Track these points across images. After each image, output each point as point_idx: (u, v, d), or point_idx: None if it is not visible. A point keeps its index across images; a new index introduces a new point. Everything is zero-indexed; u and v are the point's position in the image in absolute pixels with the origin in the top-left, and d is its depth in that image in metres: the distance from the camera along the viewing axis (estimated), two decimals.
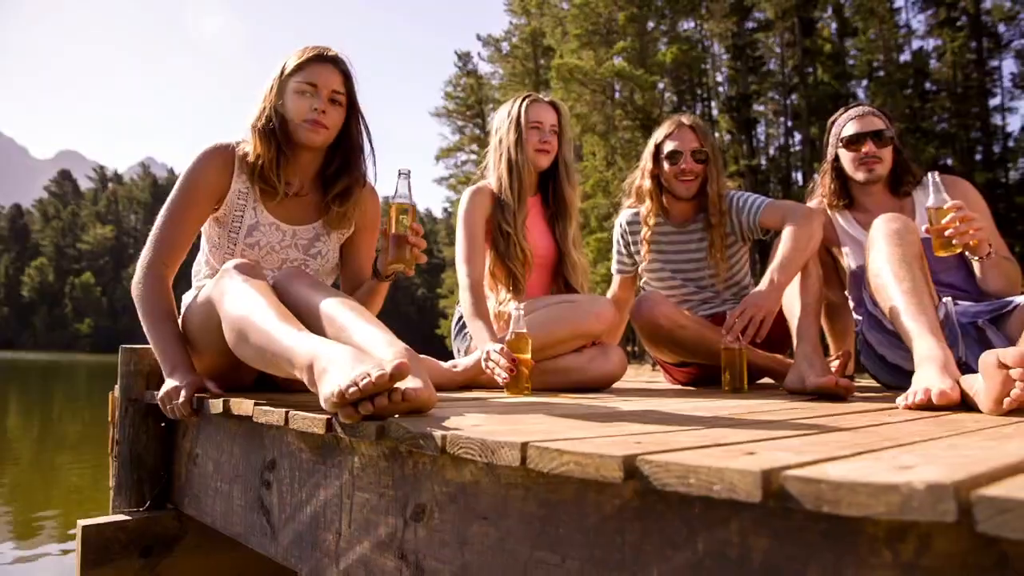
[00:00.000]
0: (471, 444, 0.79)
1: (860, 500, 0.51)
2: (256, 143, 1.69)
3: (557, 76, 25.65)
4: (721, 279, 2.46)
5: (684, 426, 0.96)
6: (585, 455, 0.66)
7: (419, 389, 1.00)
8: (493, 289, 2.27)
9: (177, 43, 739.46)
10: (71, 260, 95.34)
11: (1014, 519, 0.45)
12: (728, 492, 0.56)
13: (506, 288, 2.22)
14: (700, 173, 2.40)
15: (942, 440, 0.83)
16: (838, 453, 0.67)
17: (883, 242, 1.71)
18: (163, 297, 1.62)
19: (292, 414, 1.13)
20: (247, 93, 1.95)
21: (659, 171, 2.47)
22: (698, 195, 2.43)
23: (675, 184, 2.43)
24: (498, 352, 1.77)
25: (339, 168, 1.80)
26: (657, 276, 2.54)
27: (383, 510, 1.03)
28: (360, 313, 1.29)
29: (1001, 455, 0.64)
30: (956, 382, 1.37)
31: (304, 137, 1.70)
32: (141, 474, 1.68)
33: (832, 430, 0.93)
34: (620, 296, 2.66)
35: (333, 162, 1.80)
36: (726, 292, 2.50)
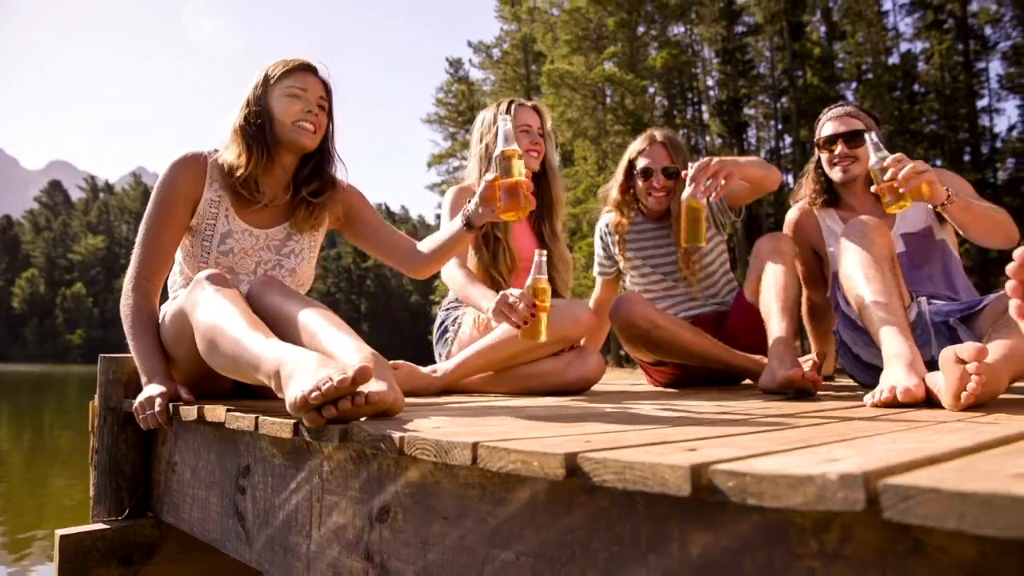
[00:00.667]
0: (427, 445, 0.81)
1: (780, 492, 0.53)
2: (240, 149, 1.71)
3: (548, 82, 25.75)
4: (696, 274, 2.49)
5: (642, 425, 0.98)
6: (530, 453, 0.68)
7: (383, 392, 1.02)
8: None
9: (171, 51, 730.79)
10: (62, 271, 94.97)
11: (916, 505, 0.47)
12: (660, 487, 0.58)
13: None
14: (672, 187, 2.48)
15: (888, 435, 0.85)
16: (777, 448, 0.69)
17: (854, 244, 1.74)
18: (146, 310, 1.66)
19: (262, 419, 1.14)
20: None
21: (632, 185, 2.55)
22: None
23: (646, 199, 2.52)
24: (517, 297, 1.73)
25: (311, 173, 1.84)
26: (639, 273, 2.58)
27: (351, 512, 1.05)
28: (330, 320, 1.31)
29: (930, 448, 0.66)
30: (922, 380, 1.39)
31: (296, 137, 1.73)
32: (120, 482, 1.69)
33: (787, 427, 0.95)
34: (603, 298, 2.69)
35: (307, 167, 1.84)
36: (706, 288, 2.52)
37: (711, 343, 2.26)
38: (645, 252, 2.56)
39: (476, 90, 35.57)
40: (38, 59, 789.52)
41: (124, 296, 1.68)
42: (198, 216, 1.74)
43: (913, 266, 2.00)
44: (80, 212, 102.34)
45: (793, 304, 2.00)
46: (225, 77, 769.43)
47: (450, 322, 2.33)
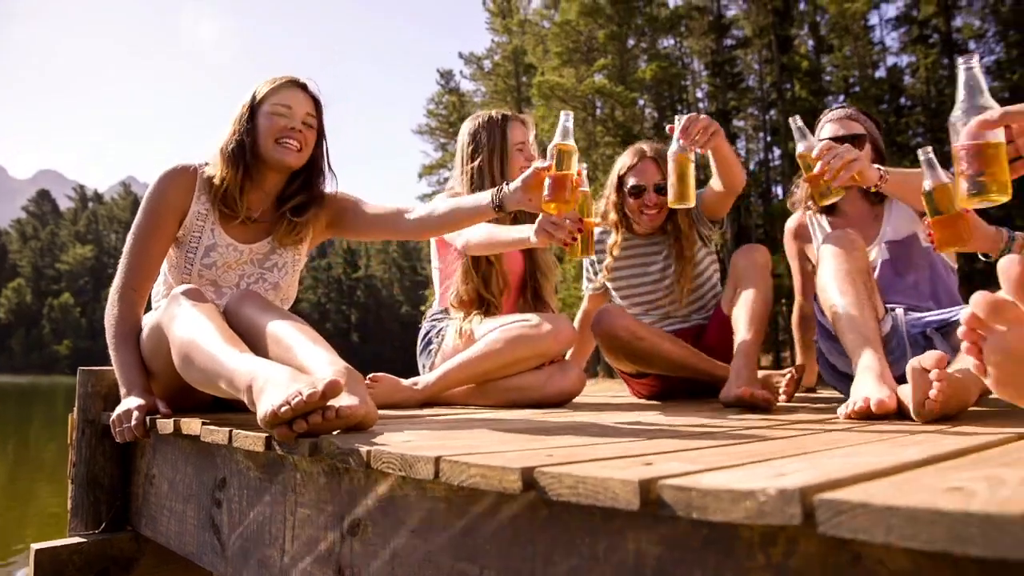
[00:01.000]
0: (392, 459, 0.83)
1: (723, 506, 0.54)
2: (223, 166, 1.73)
3: (538, 93, 25.86)
4: (686, 289, 2.48)
5: (610, 438, 1.00)
6: (489, 468, 0.70)
7: (354, 406, 1.03)
8: (461, 309, 2.28)
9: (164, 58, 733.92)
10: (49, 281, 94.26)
11: (848, 520, 0.48)
12: (611, 501, 0.60)
13: (479, 313, 2.23)
14: (664, 203, 2.39)
15: (848, 448, 0.87)
16: (732, 463, 0.71)
17: (830, 257, 1.76)
18: (130, 320, 1.66)
19: (235, 433, 1.15)
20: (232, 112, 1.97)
21: (623, 201, 2.50)
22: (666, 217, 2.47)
23: (638, 216, 2.47)
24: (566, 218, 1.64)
25: (299, 188, 1.84)
26: (625, 288, 2.57)
27: (323, 525, 1.05)
28: (306, 333, 1.32)
29: (880, 462, 0.68)
30: (893, 391, 1.41)
31: (278, 155, 1.74)
32: (98, 495, 1.69)
33: (753, 440, 0.97)
34: (591, 311, 2.69)
35: (294, 184, 1.84)
36: (693, 302, 2.53)
37: (691, 353, 2.29)
38: (633, 268, 2.55)
39: (467, 101, 35.68)
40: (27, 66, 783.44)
41: (109, 305, 1.69)
42: (185, 228, 1.76)
43: (896, 274, 2.01)
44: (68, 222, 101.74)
45: (760, 316, 2.02)
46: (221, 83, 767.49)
47: (434, 333, 2.33)
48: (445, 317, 2.34)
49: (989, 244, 1.59)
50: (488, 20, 35.52)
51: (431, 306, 2.47)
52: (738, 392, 1.72)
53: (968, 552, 0.44)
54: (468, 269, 2.24)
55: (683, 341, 2.34)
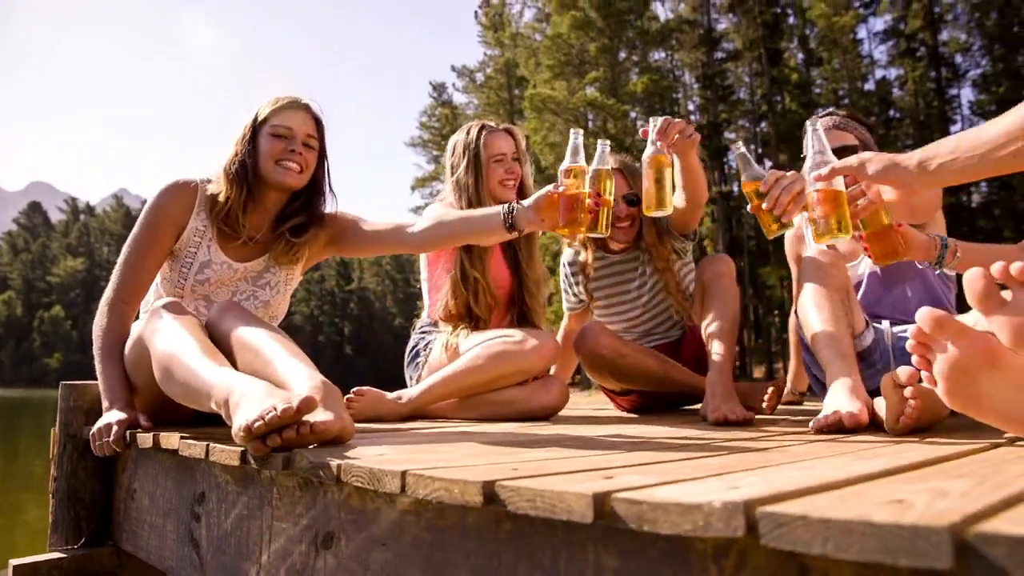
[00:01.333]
0: (361, 472, 0.84)
1: (672, 519, 0.56)
2: (227, 187, 1.74)
3: (530, 106, 26.01)
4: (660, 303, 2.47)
5: (582, 451, 1.01)
6: (452, 481, 0.71)
7: (328, 422, 1.04)
8: (449, 323, 2.28)
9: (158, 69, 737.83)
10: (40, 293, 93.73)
11: (788, 532, 0.50)
12: (567, 514, 0.61)
13: (466, 327, 2.23)
14: (635, 215, 2.37)
15: (810, 461, 0.88)
16: (690, 476, 0.72)
17: (809, 273, 1.78)
18: (117, 334, 1.67)
19: (212, 446, 1.16)
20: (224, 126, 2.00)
21: None
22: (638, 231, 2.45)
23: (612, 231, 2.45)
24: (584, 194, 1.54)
25: (299, 208, 1.86)
26: (603, 307, 2.56)
27: (297, 539, 1.06)
28: (286, 347, 1.33)
29: (834, 474, 0.69)
30: (865, 404, 1.44)
31: (279, 176, 1.75)
32: (79, 510, 1.68)
33: (719, 454, 0.98)
34: (573, 329, 2.67)
35: (295, 203, 1.85)
36: (670, 316, 2.51)
37: (674, 368, 2.29)
38: (611, 287, 2.53)
39: (460, 114, 35.82)
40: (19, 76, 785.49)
41: (99, 315, 1.70)
42: (181, 242, 1.77)
43: (884, 286, 2.03)
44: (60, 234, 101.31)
45: (729, 327, 2.02)
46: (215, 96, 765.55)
47: (422, 346, 2.33)
48: (433, 330, 2.34)
49: (924, 252, 1.61)
50: (480, 33, 35.74)
51: (420, 318, 2.47)
52: (714, 416, 1.74)
53: (898, 563, 0.46)
54: (456, 283, 2.24)
55: (664, 356, 2.35)
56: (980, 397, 0.88)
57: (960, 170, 1.22)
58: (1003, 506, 0.52)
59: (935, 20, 27.22)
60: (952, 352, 0.85)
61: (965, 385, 0.87)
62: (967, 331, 0.86)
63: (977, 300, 0.81)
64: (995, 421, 0.89)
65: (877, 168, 1.33)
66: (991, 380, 0.86)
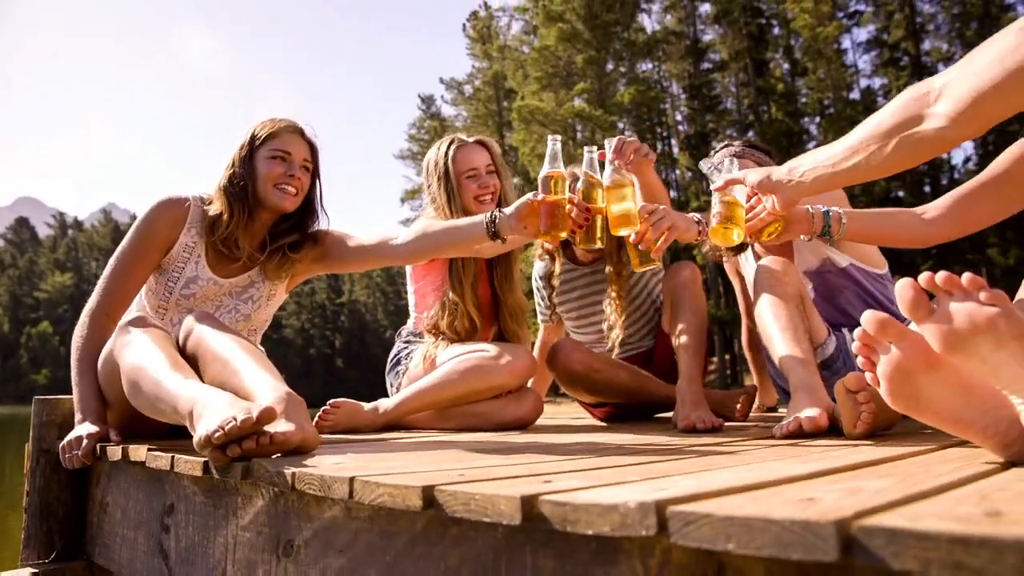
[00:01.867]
0: (313, 479, 0.86)
1: (592, 519, 0.58)
2: (225, 206, 1.77)
3: (519, 117, 26.16)
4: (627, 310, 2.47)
5: (534, 456, 1.04)
6: (396, 487, 0.73)
7: (289, 432, 1.06)
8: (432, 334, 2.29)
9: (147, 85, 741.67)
10: (28, 309, 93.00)
11: (695, 530, 0.53)
12: (497, 516, 0.64)
13: (447, 341, 2.24)
14: None
15: (752, 464, 0.91)
16: (623, 480, 0.75)
17: (763, 283, 1.80)
18: (96, 346, 1.68)
19: (177, 458, 1.18)
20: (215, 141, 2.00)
21: None
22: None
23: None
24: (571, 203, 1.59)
25: (291, 228, 1.89)
26: (572, 319, 2.58)
27: (260, 548, 1.08)
28: (255, 358, 1.35)
29: (759, 476, 0.72)
30: (825, 409, 1.47)
31: (277, 199, 1.78)
32: (51, 524, 1.69)
33: (669, 459, 1.01)
34: (548, 341, 2.68)
35: (286, 223, 1.88)
36: (642, 327, 2.53)
37: (647, 380, 2.31)
38: (577, 299, 2.54)
39: (448, 126, 35.97)
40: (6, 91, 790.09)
41: (80, 326, 1.71)
42: (170, 257, 1.79)
43: (826, 301, 2.06)
44: (48, 249, 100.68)
45: (696, 334, 2.04)
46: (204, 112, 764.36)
47: (404, 354, 2.35)
48: (416, 340, 2.36)
49: (804, 226, 1.66)
50: (468, 46, 35.92)
51: (406, 326, 2.47)
52: (683, 424, 1.76)
53: (791, 557, 0.48)
54: (445, 303, 2.24)
55: (636, 367, 2.37)
56: (919, 398, 0.90)
57: (818, 179, 1.38)
58: (903, 502, 0.55)
59: (917, 30, 27.58)
60: (894, 353, 0.88)
61: (906, 385, 0.90)
62: (909, 333, 0.89)
63: (907, 309, 0.84)
64: (933, 421, 0.91)
65: (755, 180, 1.53)
66: (930, 381, 0.89)
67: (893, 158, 1.21)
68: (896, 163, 1.22)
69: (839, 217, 1.65)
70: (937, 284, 0.81)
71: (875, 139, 1.23)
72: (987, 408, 0.88)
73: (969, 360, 0.82)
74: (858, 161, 1.26)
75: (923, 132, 1.13)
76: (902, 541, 0.44)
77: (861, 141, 1.25)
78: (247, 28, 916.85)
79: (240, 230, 1.78)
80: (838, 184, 1.38)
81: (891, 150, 1.20)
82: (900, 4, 27.74)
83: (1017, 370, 0.79)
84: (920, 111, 1.13)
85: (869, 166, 1.25)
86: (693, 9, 30.55)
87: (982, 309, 0.78)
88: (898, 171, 1.28)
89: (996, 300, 0.78)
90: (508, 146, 32.29)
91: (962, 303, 0.79)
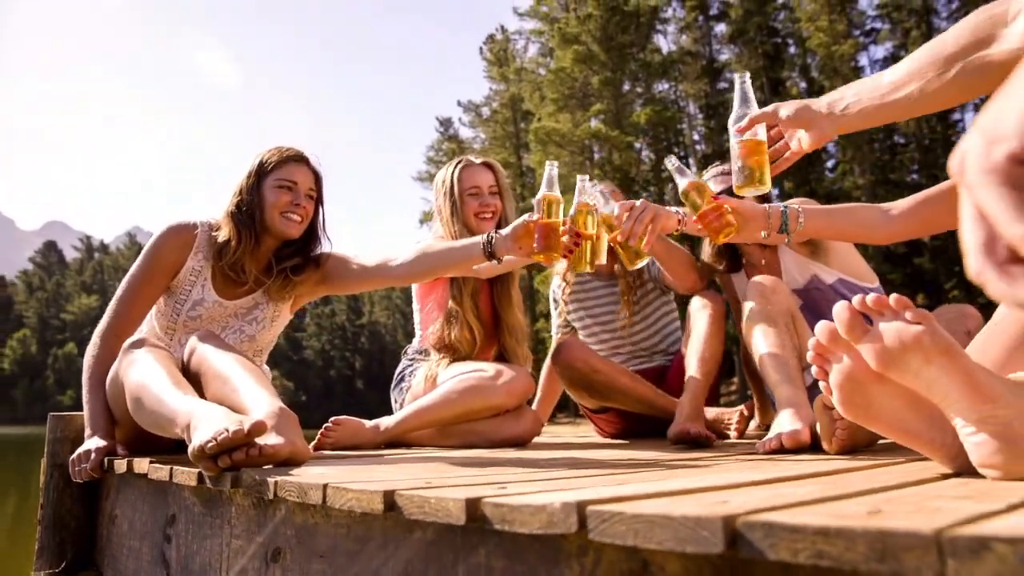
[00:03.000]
0: (292, 487, 0.93)
1: (525, 519, 0.64)
2: (233, 232, 1.85)
3: (535, 139, 26.32)
4: (637, 327, 2.56)
5: (507, 469, 1.09)
6: (361, 492, 0.80)
7: (278, 445, 1.13)
8: (435, 349, 2.37)
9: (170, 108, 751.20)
10: (55, 331, 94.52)
11: (608, 527, 0.58)
12: (447, 517, 0.70)
13: (448, 359, 2.31)
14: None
15: (707, 475, 0.96)
16: (569, 487, 0.81)
17: (752, 302, 1.85)
18: (106, 366, 1.76)
19: (175, 469, 1.25)
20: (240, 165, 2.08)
21: None
22: None
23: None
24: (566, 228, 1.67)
25: (294, 252, 1.97)
26: (588, 331, 2.66)
27: (252, 555, 1.15)
28: (253, 375, 1.42)
29: (698, 484, 0.78)
30: (807, 426, 1.51)
31: (283, 227, 1.87)
32: (63, 536, 1.77)
33: (629, 471, 1.07)
34: None
35: (290, 247, 1.97)
36: (655, 343, 2.60)
37: (647, 388, 2.35)
38: (592, 310, 2.63)
39: (466, 148, 36.28)
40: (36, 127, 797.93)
41: (91, 346, 1.81)
42: (178, 280, 1.88)
43: (815, 317, 2.10)
44: (74, 272, 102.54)
45: (709, 357, 2.10)
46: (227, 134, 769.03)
47: (408, 372, 2.42)
48: (420, 358, 2.43)
49: (760, 223, 1.62)
50: (485, 68, 36.32)
51: (412, 344, 2.55)
52: (673, 430, 1.81)
53: (686, 550, 0.54)
54: (449, 317, 2.33)
55: (641, 377, 2.42)
56: (870, 407, 0.94)
57: (862, 112, 1.25)
58: (802, 504, 0.60)
59: None
60: (845, 363, 0.92)
61: (856, 395, 0.93)
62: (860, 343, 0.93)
63: (844, 331, 0.89)
64: (884, 431, 0.95)
65: (789, 111, 1.35)
66: (879, 392, 0.92)
67: (952, 87, 1.06)
68: (956, 93, 1.07)
69: (796, 214, 1.61)
70: (869, 306, 0.86)
71: (934, 65, 1.08)
72: (933, 421, 0.93)
73: (904, 376, 0.87)
74: (911, 91, 1.12)
75: (994, 55, 0.99)
76: (777, 534, 0.50)
77: (918, 67, 1.10)
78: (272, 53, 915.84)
79: (247, 255, 1.87)
80: (886, 118, 1.24)
81: (952, 76, 1.05)
82: (917, 21, 27.67)
83: (947, 384, 0.84)
84: (993, 30, 0.99)
85: (924, 96, 1.10)
86: (709, 29, 30.71)
87: (908, 328, 0.83)
88: (957, 103, 1.11)
89: (920, 319, 0.83)
90: (525, 167, 32.51)
91: (890, 323, 0.84)
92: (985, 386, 0.82)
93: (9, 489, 8.95)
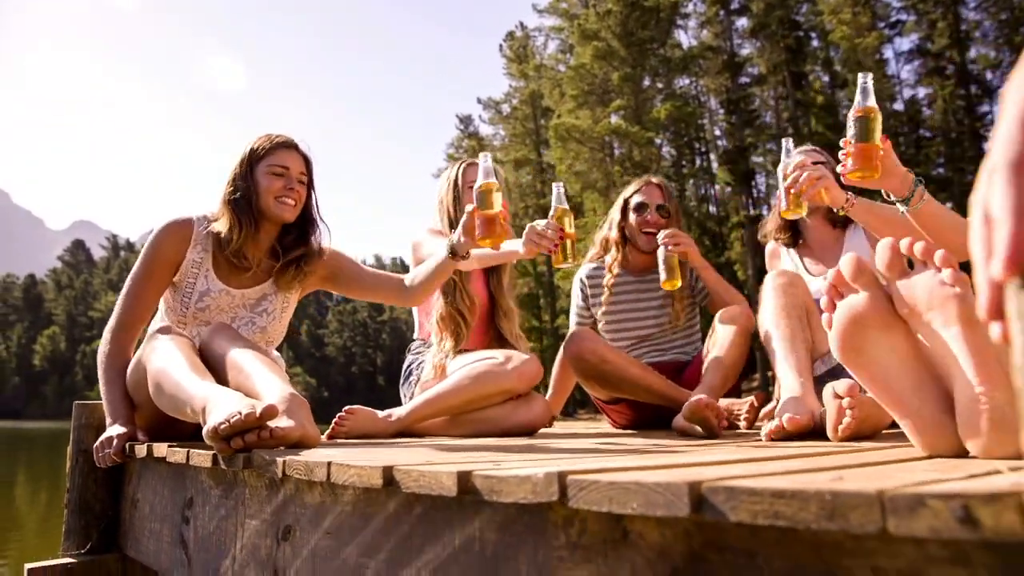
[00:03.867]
0: (299, 465, 0.97)
1: (511, 489, 0.68)
2: (232, 220, 1.90)
3: (555, 135, 26.31)
4: (679, 325, 2.61)
5: (503, 453, 1.13)
6: (361, 468, 0.84)
7: (288, 428, 1.18)
8: (439, 335, 2.43)
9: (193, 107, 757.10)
10: (83, 328, 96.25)
11: (585, 495, 0.62)
12: (440, 489, 0.74)
13: (452, 336, 2.38)
14: (664, 227, 2.48)
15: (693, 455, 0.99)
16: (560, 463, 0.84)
17: (770, 294, 1.88)
18: (118, 360, 1.83)
19: (192, 451, 1.31)
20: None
21: (625, 224, 2.64)
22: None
23: (638, 236, 2.58)
24: (545, 225, 1.92)
25: (296, 238, 2.02)
26: (614, 325, 2.67)
27: (263, 533, 1.20)
28: (266, 363, 1.48)
29: (681, 461, 0.81)
30: (810, 413, 1.53)
31: (278, 211, 1.92)
32: (88, 519, 1.84)
33: (626, 454, 1.10)
34: None
35: (290, 234, 2.02)
36: (679, 339, 2.63)
37: (658, 379, 2.37)
38: (626, 305, 2.65)
39: (486, 145, 36.33)
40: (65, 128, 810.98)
41: (102, 343, 1.88)
42: (181, 274, 1.94)
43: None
44: (101, 270, 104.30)
45: (728, 365, 2.13)
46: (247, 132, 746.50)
47: (415, 365, 2.48)
48: (424, 350, 2.49)
49: (897, 184, 1.62)
50: (505, 65, 36.34)
51: (413, 340, 2.61)
52: (677, 423, 1.84)
53: (656, 513, 0.57)
54: (447, 290, 2.41)
55: (652, 368, 2.44)
56: (862, 351, 0.93)
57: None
58: (762, 475, 0.63)
59: (962, 38, 27.01)
60: (856, 301, 0.92)
61: (855, 335, 0.93)
62: (880, 286, 0.93)
63: (883, 266, 0.90)
64: (866, 378, 0.95)
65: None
66: (878, 339, 0.92)
67: None
68: None
69: (923, 192, 1.61)
70: (915, 252, 0.88)
71: None
72: (918, 388, 0.93)
73: (921, 328, 0.88)
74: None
75: None
76: (737, 496, 0.53)
77: None
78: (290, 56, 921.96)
79: (248, 241, 1.92)
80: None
81: None
82: (943, 12, 27.22)
83: (957, 351, 0.84)
84: None
85: None
86: (730, 23, 30.45)
87: (944, 288, 0.84)
88: None
89: (957, 282, 0.84)
90: (546, 164, 32.51)
91: (931, 276, 0.86)
92: (992, 366, 0.84)
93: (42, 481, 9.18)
